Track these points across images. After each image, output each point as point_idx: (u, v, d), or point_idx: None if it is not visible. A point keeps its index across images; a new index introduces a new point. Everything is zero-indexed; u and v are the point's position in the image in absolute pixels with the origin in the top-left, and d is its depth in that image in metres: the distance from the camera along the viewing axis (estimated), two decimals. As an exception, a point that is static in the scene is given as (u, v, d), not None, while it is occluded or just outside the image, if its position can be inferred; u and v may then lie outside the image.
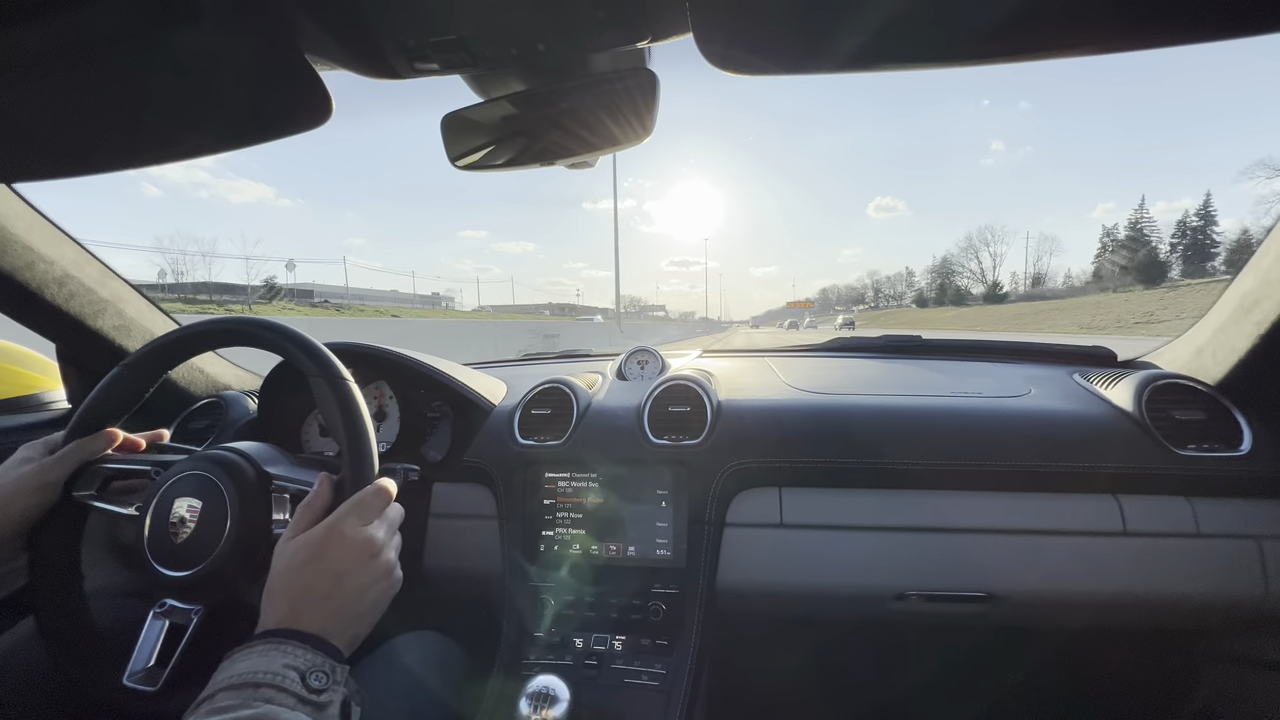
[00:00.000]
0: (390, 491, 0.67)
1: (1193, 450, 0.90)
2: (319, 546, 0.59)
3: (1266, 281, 0.84)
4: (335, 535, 0.60)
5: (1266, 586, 0.87)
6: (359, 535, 0.61)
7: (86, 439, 0.74)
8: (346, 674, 0.55)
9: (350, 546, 0.60)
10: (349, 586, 0.59)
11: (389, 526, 0.65)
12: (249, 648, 0.53)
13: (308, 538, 0.60)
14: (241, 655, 0.52)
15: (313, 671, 0.52)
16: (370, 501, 0.64)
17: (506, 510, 1.02)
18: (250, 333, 0.74)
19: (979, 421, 0.99)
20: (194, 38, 0.52)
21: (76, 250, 1.05)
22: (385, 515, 0.65)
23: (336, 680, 0.53)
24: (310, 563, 0.58)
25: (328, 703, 0.51)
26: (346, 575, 0.59)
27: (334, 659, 0.54)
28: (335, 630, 0.57)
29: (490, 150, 0.81)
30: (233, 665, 0.51)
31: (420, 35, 0.56)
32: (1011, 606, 0.93)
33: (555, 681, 0.77)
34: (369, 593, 0.61)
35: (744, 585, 0.95)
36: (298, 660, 0.52)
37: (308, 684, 0.51)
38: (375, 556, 0.61)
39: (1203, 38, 0.41)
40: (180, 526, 0.67)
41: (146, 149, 0.67)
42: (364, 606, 0.60)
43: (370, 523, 0.63)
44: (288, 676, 0.50)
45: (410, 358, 1.10)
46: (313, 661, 0.52)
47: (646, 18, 0.57)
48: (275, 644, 0.53)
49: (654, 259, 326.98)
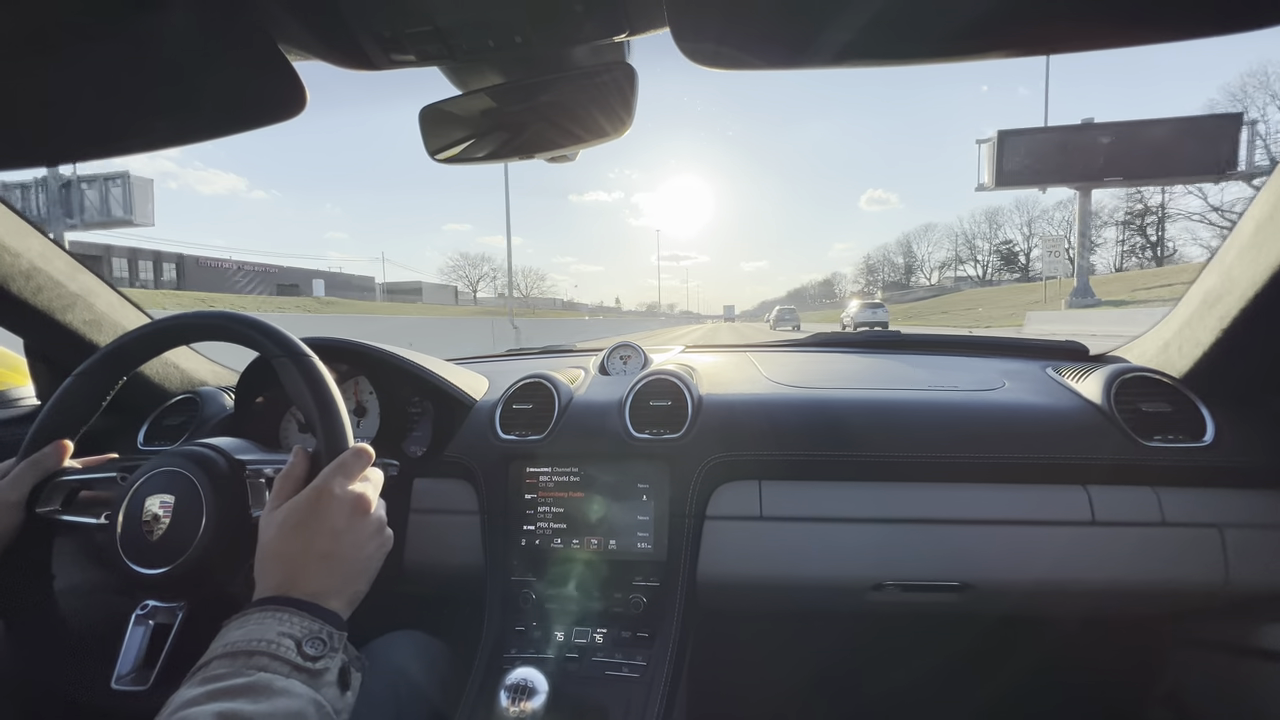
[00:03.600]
0: (370, 453, 0.66)
1: (1159, 441, 0.93)
2: (309, 509, 0.58)
3: (1229, 277, 0.86)
4: (325, 495, 0.59)
5: (1227, 573, 0.89)
6: (348, 493, 0.60)
7: (36, 456, 0.71)
8: (344, 640, 0.54)
9: (341, 504, 0.59)
10: (346, 543, 0.58)
11: (374, 485, 0.65)
12: (244, 616, 0.52)
13: (295, 503, 0.59)
14: (237, 624, 0.52)
15: (309, 639, 0.51)
16: (352, 462, 0.63)
17: (488, 505, 1.02)
18: (209, 325, 0.73)
19: (955, 414, 1.00)
20: (161, 23, 0.51)
21: (44, 243, 1.02)
22: (368, 475, 0.65)
23: (334, 647, 0.52)
24: (303, 525, 0.57)
25: (324, 669, 0.51)
26: (342, 532, 0.58)
27: (332, 625, 0.53)
28: (336, 589, 0.56)
29: (470, 143, 0.81)
30: (228, 634, 0.51)
31: (396, 26, 0.56)
32: (985, 595, 0.95)
33: (533, 673, 0.77)
34: (366, 548, 0.60)
35: (724, 577, 0.96)
36: (293, 627, 0.51)
37: (303, 651, 0.50)
38: (367, 512, 0.61)
39: (1190, 34, 0.41)
40: (154, 524, 0.66)
41: (113, 139, 0.66)
42: (362, 563, 0.60)
43: (355, 481, 0.62)
44: (282, 644, 0.49)
45: (390, 352, 1.09)
46: (309, 628, 0.52)
47: (624, 11, 0.57)
48: (271, 611, 0.52)
49: (644, 254, 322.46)
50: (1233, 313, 0.86)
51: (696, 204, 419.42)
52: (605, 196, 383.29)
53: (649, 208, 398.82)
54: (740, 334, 30.07)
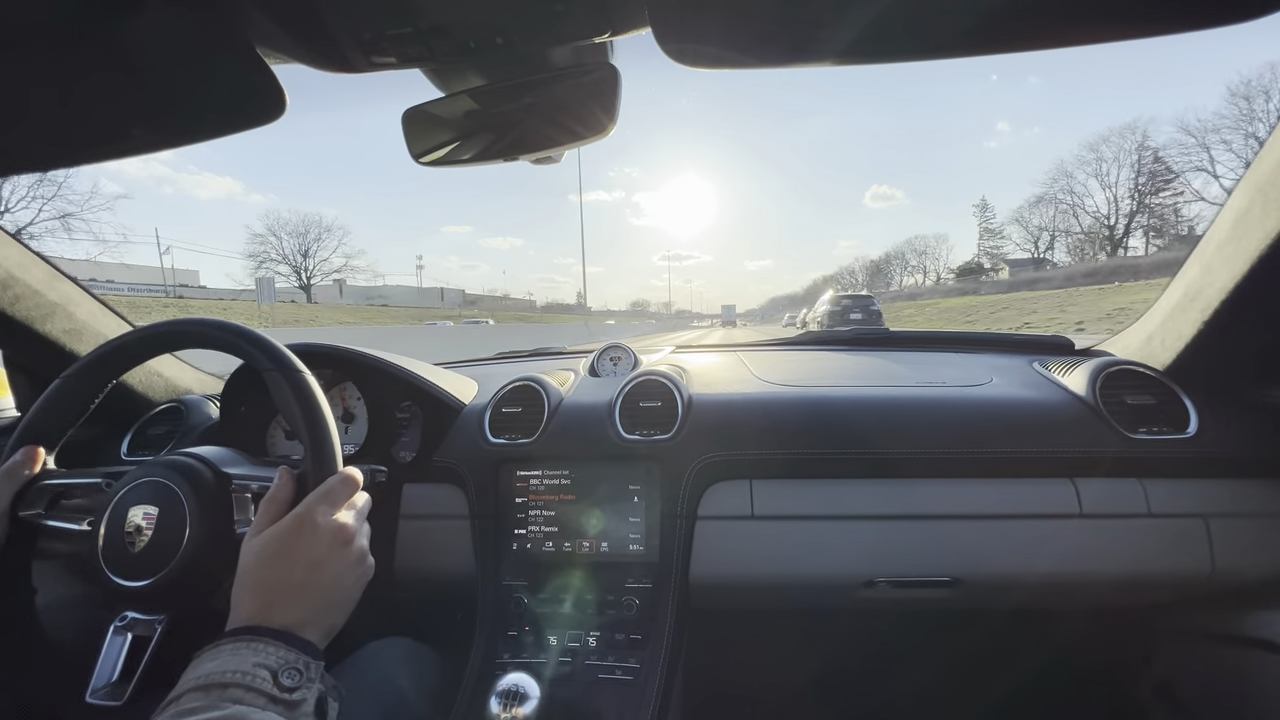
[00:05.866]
0: (357, 479, 0.65)
1: (1143, 434, 0.94)
2: (290, 537, 0.57)
3: (1209, 270, 0.87)
4: (306, 524, 0.58)
5: (1213, 563, 0.91)
6: (330, 523, 0.59)
7: (9, 465, 0.70)
8: (321, 670, 0.53)
9: (323, 534, 0.58)
10: (325, 575, 0.57)
11: (358, 514, 0.64)
12: (217, 647, 0.51)
13: (276, 530, 0.58)
14: (209, 655, 0.50)
15: (285, 669, 0.50)
16: (338, 489, 0.62)
17: (478, 509, 1.01)
18: (198, 333, 0.72)
19: (943, 410, 1.01)
20: (136, 27, 0.50)
21: (21, 251, 1.01)
22: (354, 503, 0.64)
23: (310, 677, 0.51)
24: (282, 554, 0.57)
25: (300, 700, 0.50)
26: (321, 564, 0.57)
27: (308, 655, 0.53)
28: (312, 621, 0.56)
29: (453, 146, 0.80)
30: (200, 665, 0.50)
31: (375, 28, 0.55)
32: (975, 590, 0.96)
33: (525, 679, 0.77)
34: (344, 580, 0.59)
35: (716, 577, 0.96)
36: (269, 658, 0.50)
37: (279, 682, 0.49)
38: (348, 544, 0.60)
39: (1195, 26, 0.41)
40: (136, 535, 0.65)
41: (89, 145, 0.65)
42: (340, 595, 0.59)
43: (340, 510, 0.61)
44: (258, 675, 0.48)
45: (377, 358, 1.08)
46: (285, 659, 0.51)
47: (605, 12, 0.56)
48: (245, 641, 0.51)
49: (646, 253, 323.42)
50: (1213, 305, 0.87)
51: (699, 203, 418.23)
52: (605, 196, 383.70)
53: (651, 207, 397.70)
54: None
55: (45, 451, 0.74)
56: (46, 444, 0.74)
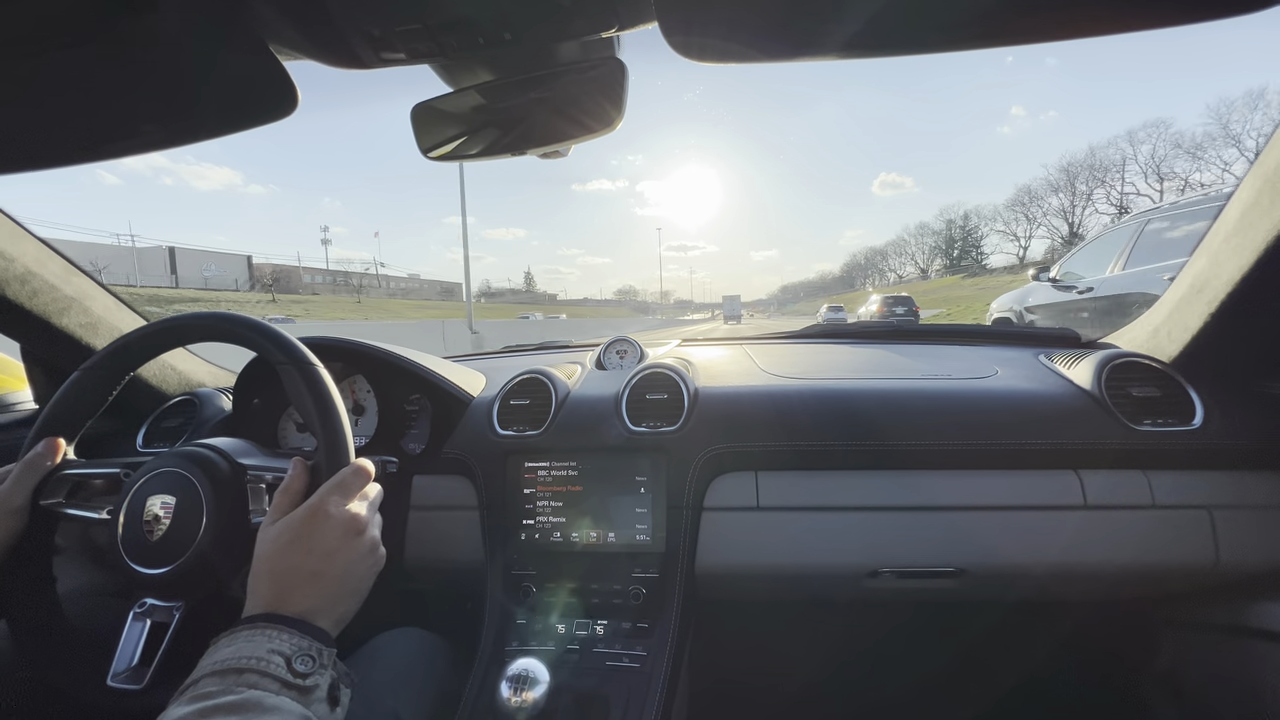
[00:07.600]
0: (369, 470, 0.67)
1: (1149, 425, 0.94)
2: (304, 526, 0.59)
3: (1216, 262, 0.87)
4: (319, 514, 0.60)
5: (1217, 554, 0.91)
6: (343, 513, 0.61)
7: (30, 457, 0.72)
8: (334, 656, 0.55)
9: (335, 524, 0.60)
10: (337, 564, 0.59)
11: (370, 504, 0.66)
12: (233, 633, 0.53)
13: (291, 519, 0.60)
14: (226, 641, 0.52)
15: (299, 655, 0.52)
16: (350, 480, 0.64)
17: (487, 500, 1.03)
18: (213, 327, 0.73)
19: (949, 402, 1.01)
20: (149, 26, 0.51)
21: (38, 246, 1.02)
22: (366, 494, 0.66)
23: (323, 664, 0.53)
24: (296, 543, 0.58)
25: (314, 686, 0.51)
26: (334, 553, 0.59)
27: (321, 642, 0.54)
28: (324, 609, 0.57)
29: (462, 140, 0.81)
30: (217, 651, 0.51)
31: (385, 24, 0.56)
32: (980, 580, 0.96)
33: (535, 664, 0.78)
34: (356, 569, 0.61)
35: (722, 567, 0.97)
36: (283, 644, 0.52)
37: (293, 668, 0.51)
38: (361, 533, 0.62)
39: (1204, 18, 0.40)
40: (155, 524, 0.67)
41: (103, 142, 0.66)
42: (352, 584, 0.61)
43: (352, 500, 0.63)
44: (272, 661, 0.50)
45: (387, 351, 1.09)
46: (299, 645, 0.52)
47: (612, 7, 0.57)
48: (260, 628, 0.52)
49: (651, 244, 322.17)
50: (1220, 297, 0.87)
51: (704, 193, 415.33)
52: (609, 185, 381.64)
53: (655, 196, 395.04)
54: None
55: (65, 442, 0.75)
56: (66, 435, 0.76)
